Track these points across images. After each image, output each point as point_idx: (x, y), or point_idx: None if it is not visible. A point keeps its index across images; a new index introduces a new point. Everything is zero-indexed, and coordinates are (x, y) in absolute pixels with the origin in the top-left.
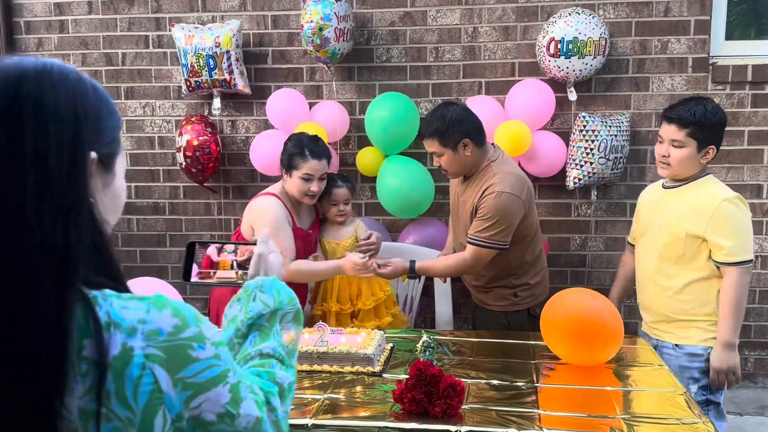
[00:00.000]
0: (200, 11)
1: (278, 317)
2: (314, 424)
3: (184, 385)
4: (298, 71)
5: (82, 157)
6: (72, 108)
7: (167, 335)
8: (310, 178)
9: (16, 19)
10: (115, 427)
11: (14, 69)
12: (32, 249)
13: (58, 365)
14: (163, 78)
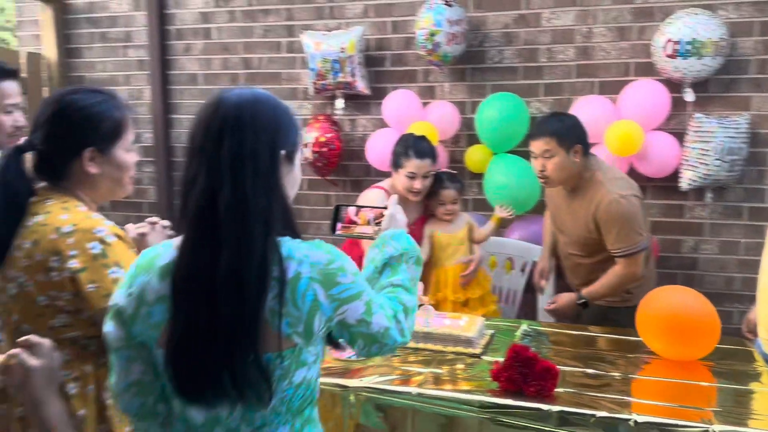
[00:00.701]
0: (327, 18)
1: (404, 259)
2: (419, 393)
3: (333, 299)
4: (413, 73)
5: (278, 154)
6: (272, 122)
7: (323, 265)
8: (413, 176)
9: (167, 27)
10: (289, 322)
11: (236, 96)
12: (250, 210)
13: (262, 280)
14: (292, 80)
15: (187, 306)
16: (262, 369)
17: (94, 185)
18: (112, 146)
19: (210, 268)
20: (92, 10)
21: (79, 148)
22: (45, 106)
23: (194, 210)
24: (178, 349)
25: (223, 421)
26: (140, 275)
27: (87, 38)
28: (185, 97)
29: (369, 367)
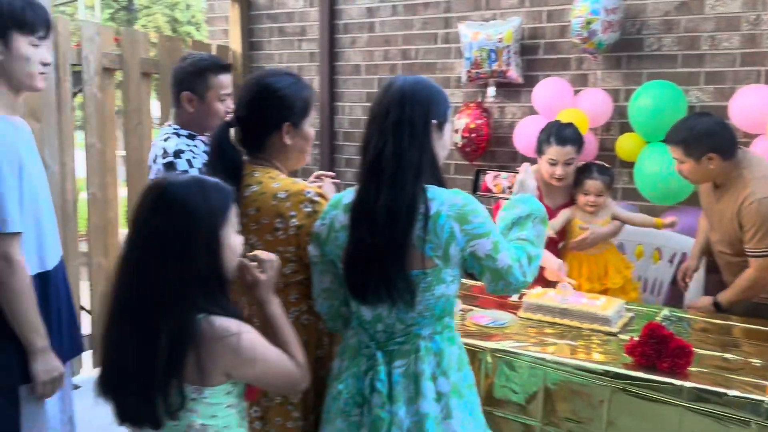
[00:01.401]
0: (483, 9)
1: (531, 219)
2: (553, 360)
3: (465, 233)
4: (566, 61)
5: (429, 122)
6: (426, 96)
7: (459, 207)
8: (554, 163)
9: (336, 22)
10: (431, 247)
11: (402, 79)
12: (404, 162)
13: (410, 215)
14: (446, 70)
15: (358, 232)
16: (408, 282)
17: (286, 155)
18: (302, 121)
19: (373, 205)
20: (272, 6)
21: (278, 122)
22: (248, 88)
23: (367, 163)
24: (351, 264)
25: (384, 319)
26: (331, 210)
27: (267, 32)
28: (348, 86)
29: (505, 334)
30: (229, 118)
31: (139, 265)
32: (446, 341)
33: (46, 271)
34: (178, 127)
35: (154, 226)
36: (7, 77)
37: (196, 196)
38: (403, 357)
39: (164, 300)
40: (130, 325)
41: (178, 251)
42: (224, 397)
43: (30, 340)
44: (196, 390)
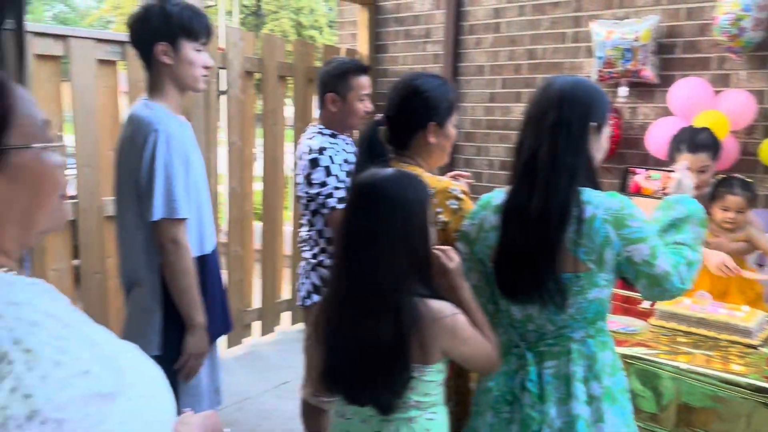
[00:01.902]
0: (616, 8)
1: (689, 221)
2: (688, 368)
3: (621, 238)
4: (706, 60)
5: (587, 125)
6: (585, 97)
7: (615, 210)
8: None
9: (462, 23)
10: (585, 251)
11: (561, 80)
12: (558, 165)
13: (563, 218)
14: (575, 69)
15: (510, 233)
16: (559, 284)
17: (429, 153)
18: (446, 121)
19: (526, 206)
20: (399, 10)
21: (424, 121)
22: (397, 90)
23: (521, 164)
24: (502, 264)
25: (534, 320)
26: (481, 211)
27: (393, 35)
28: (471, 87)
29: (636, 340)
30: (378, 117)
31: (363, 256)
32: (599, 345)
33: (204, 255)
34: (322, 126)
35: (375, 219)
36: (175, 80)
37: (407, 189)
38: (554, 358)
39: (387, 287)
40: (356, 314)
41: (399, 240)
42: (438, 375)
43: (191, 316)
44: (418, 369)
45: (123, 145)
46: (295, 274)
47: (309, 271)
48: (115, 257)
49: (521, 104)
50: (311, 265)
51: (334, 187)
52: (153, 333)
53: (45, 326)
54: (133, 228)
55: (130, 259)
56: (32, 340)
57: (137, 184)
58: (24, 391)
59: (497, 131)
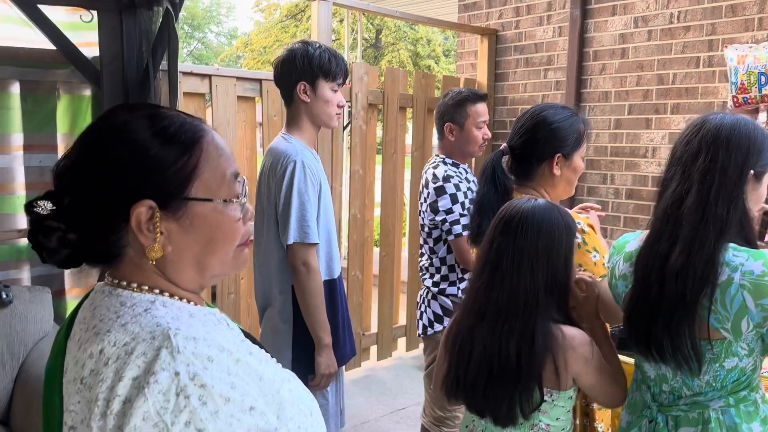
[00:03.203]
0: (755, 30)
1: None
2: None
3: (762, 308)
4: None
5: (746, 172)
6: (746, 143)
7: (755, 276)
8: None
9: (585, 49)
10: (717, 318)
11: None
12: (707, 215)
13: (705, 277)
14: (708, 95)
15: (643, 284)
16: (695, 347)
17: (553, 185)
18: (574, 152)
19: (665, 258)
20: (520, 38)
21: (551, 153)
22: (525, 120)
23: (663, 209)
24: (635, 316)
25: (668, 381)
26: (614, 255)
27: (513, 63)
28: (595, 113)
29: None
30: (502, 148)
31: (505, 274)
32: (744, 416)
33: (332, 279)
34: (443, 156)
35: (526, 243)
36: (311, 116)
37: (554, 216)
38: (690, 425)
39: (525, 306)
40: (490, 329)
41: (541, 263)
42: (568, 401)
43: (319, 336)
44: (550, 393)
45: (263, 173)
46: (412, 301)
47: (430, 299)
48: (247, 279)
49: (650, 130)
50: (432, 294)
51: (459, 214)
52: (285, 352)
53: (218, 361)
54: (269, 252)
55: (266, 281)
56: (206, 375)
57: (276, 209)
58: (198, 425)
59: (624, 158)
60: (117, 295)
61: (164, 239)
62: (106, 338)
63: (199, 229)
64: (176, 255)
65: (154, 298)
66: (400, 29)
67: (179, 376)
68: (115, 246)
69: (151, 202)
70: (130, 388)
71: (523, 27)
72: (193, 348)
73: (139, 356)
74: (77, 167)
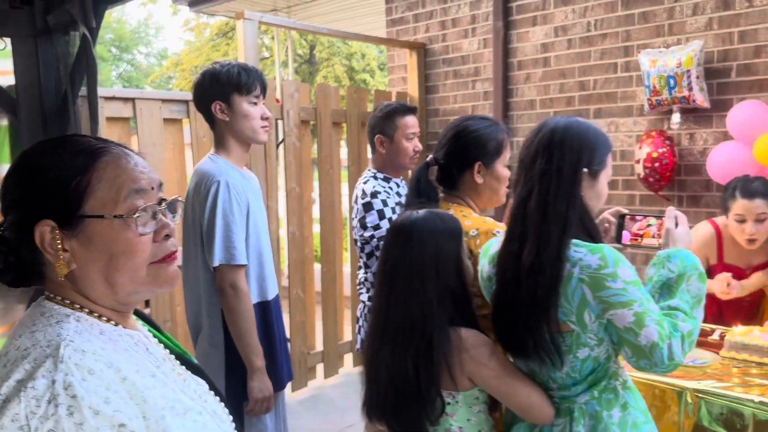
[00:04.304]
0: (666, 35)
1: (684, 279)
2: (761, 401)
3: (600, 300)
4: (763, 82)
5: (580, 171)
6: (578, 141)
7: (593, 270)
8: (743, 220)
9: (510, 60)
10: (563, 311)
11: (553, 122)
12: (549, 215)
13: (555, 272)
14: (627, 99)
15: (503, 284)
16: (554, 341)
17: (478, 193)
18: (494, 161)
19: (517, 257)
20: (447, 51)
21: (470, 161)
22: (447, 130)
23: (512, 210)
24: (498, 316)
25: (537, 375)
26: (482, 258)
27: (442, 76)
28: (523, 121)
29: (706, 373)
30: (428, 159)
31: (396, 291)
32: (604, 404)
33: (266, 301)
34: (375, 170)
35: (411, 258)
36: (235, 134)
37: (437, 226)
38: (560, 417)
39: (418, 318)
40: (391, 346)
41: (429, 274)
42: (475, 402)
43: (251, 360)
44: (450, 395)
45: (188, 196)
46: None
47: (366, 313)
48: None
49: None
50: (368, 308)
51: (386, 229)
52: (217, 378)
53: (100, 376)
54: (198, 275)
55: (195, 305)
56: (81, 386)
57: (201, 232)
58: None
59: None
60: (41, 306)
61: (69, 256)
62: (14, 342)
63: (98, 246)
64: (83, 271)
65: (71, 312)
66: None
67: (55, 384)
68: (36, 264)
69: (51, 221)
70: (12, 389)
71: (449, 40)
72: (78, 359)
73: (30, 362)
74: (1, 195)
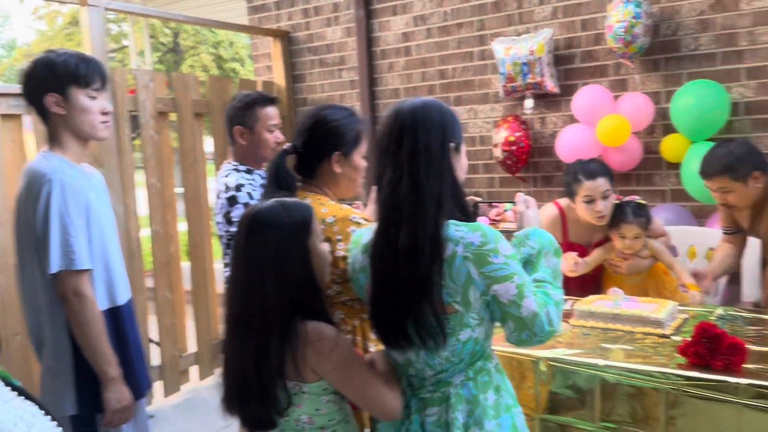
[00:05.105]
0: (517, 24)
1: (543, 255)
2: (607, 365)
3: (485, 276)
4: (604, 68)
5: (447, 146)
6: (439, 118)
7: (476, 246)
8: (591, 199)
9: (373, 49)
10: (448, 292)
11: (410, 104)
12: (424, 195)
13: (435, 251)
14: (484, 86)
15: (380, 273)
16: (439, 322)
17: (336, 183)
18: (352, 151)
19: (394, 243)
20: (311, 40)
21: (329, 151)
22: (305, 119)
23: (383, 198)
24: (375, 305)
25: (414, 364)
26: (353, 249)
27: (308, 65)
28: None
29: (558, 342)
30: (285, 147)
31: (246, 284)
32: (480, 387)
33: (117, 307)
34: (236, 163)
35: (254, 248)
36: (71, 129)
37: (281, 216)
38: (435, 405)
39: (263, 310)
40: (244, 338)
41: (273, 265)
42: (323, 392)
43: (103, 370)
44: (297, 386)
45: (19, 198)
46: None
47: None
48: None
49: None
50: None
51: None
52: (66, 392)
53: None
54: (35, 284)
55: (36, 317)
56: None
57: (35, 237)
58: None
59: None
60: None
61: None
62: None
63: None
64: None
65: None
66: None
67: None
68: None
69: None
70: None
71: (313, 28)
72: None
73: None
74: None
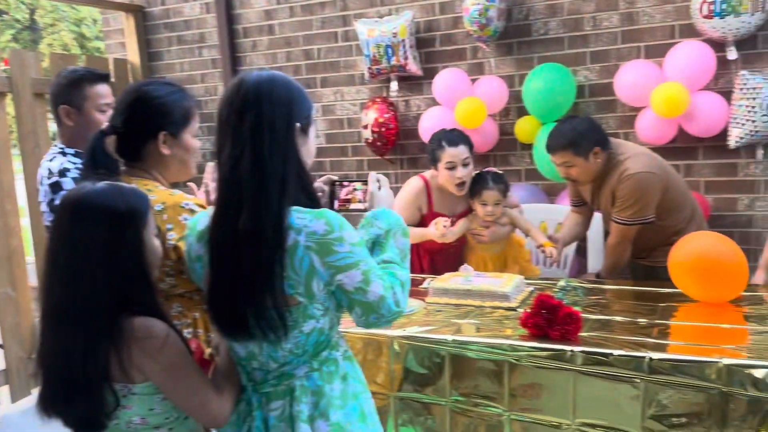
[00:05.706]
0: (379, 5)
1: (391, 235)
2: (453, 340)
3: (329, 266)
4: (462, 51)
5: (293, 125)
6: (286, 95)
7: (319, 235)
8: (453, 166)
9: (235, 26)
10: (290, 284)
11: (256, 76)
12: (267, 174)
13: (278, 236)
14: (349, 68)
15: (218, 260)
16: (280, 312)
17: (166, 166)
18: (181, 131)
19: (235, 227)
20: (168, 15)
21: (154, 131)
22: (125, 95)
23: (221, 176)
24: (213, 296)
25: (257, 357)
26: (189, 236)
27: (165, 42)
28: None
29: (412, 320)
30: (103, 127)
31: (70, 274)
32: (326, 377)
33: None
34: (63, 146)
35: (81, 234)
36: None
37: (117, 201)
38: (279, 398)
39: (86, 303)
40: (64, 335)
41: (101, 255)
42: (156, 391)
43: None
44: (125, 387)
45: None
46: None
47: None
48: None
49: None
50: None
51: None
52: None
53: None
54: None
55: None
56: None
57: None
58: None
59: None
60: None
61: None
62: None
63: None
64: None
65: None
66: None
67: None
68: None
69: None
70: None
71: (169, 3)
72: None
73: None
74: None
